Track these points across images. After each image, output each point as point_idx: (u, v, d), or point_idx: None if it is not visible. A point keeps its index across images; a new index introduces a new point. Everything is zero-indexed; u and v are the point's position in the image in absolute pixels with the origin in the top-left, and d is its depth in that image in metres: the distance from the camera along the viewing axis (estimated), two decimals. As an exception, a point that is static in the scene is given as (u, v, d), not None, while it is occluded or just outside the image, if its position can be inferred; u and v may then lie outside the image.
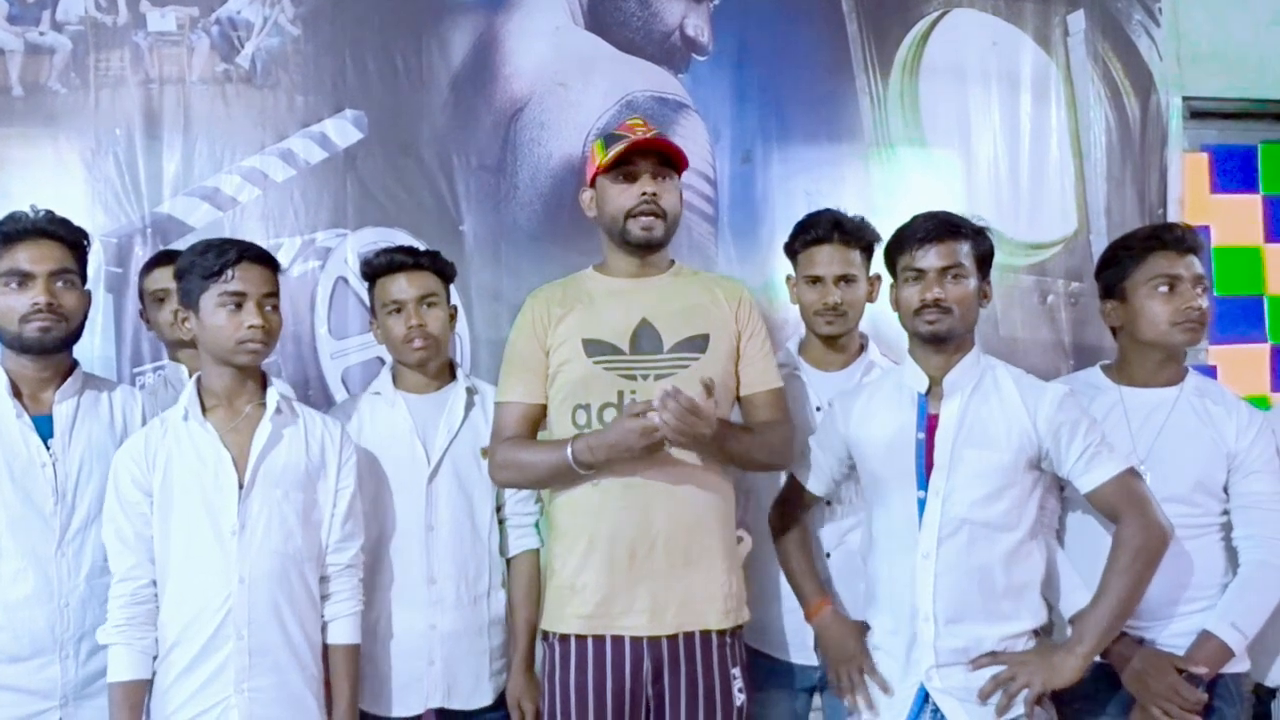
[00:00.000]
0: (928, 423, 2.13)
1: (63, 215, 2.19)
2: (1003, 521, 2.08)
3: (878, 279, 2.48)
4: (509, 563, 2.43)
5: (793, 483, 2.34)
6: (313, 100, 3.09)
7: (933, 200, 2.25)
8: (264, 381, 2.20)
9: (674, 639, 2.15)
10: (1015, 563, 2.10)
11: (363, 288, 2.63)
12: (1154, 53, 3.69)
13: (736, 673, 2.19)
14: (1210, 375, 3.15)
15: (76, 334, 2.18)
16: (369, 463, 2.35)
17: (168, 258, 2.53)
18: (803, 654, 2.40)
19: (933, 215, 2.16)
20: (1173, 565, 2.19)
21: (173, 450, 2.10)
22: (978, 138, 3.57)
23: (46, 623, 2.09)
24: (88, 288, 2.21)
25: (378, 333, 2.45)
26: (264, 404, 2.16)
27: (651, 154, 2.20)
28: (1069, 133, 3.65)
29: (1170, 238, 2.27)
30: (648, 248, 2.22)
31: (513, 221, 3.20)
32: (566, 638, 2.18)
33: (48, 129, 2.96)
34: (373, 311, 2.46)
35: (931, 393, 2.14)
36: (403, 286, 2.37)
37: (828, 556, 2.41)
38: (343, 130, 3.11)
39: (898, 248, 2.17)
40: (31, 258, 2.10)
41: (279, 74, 3.08)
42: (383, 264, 2.40)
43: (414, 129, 3.15)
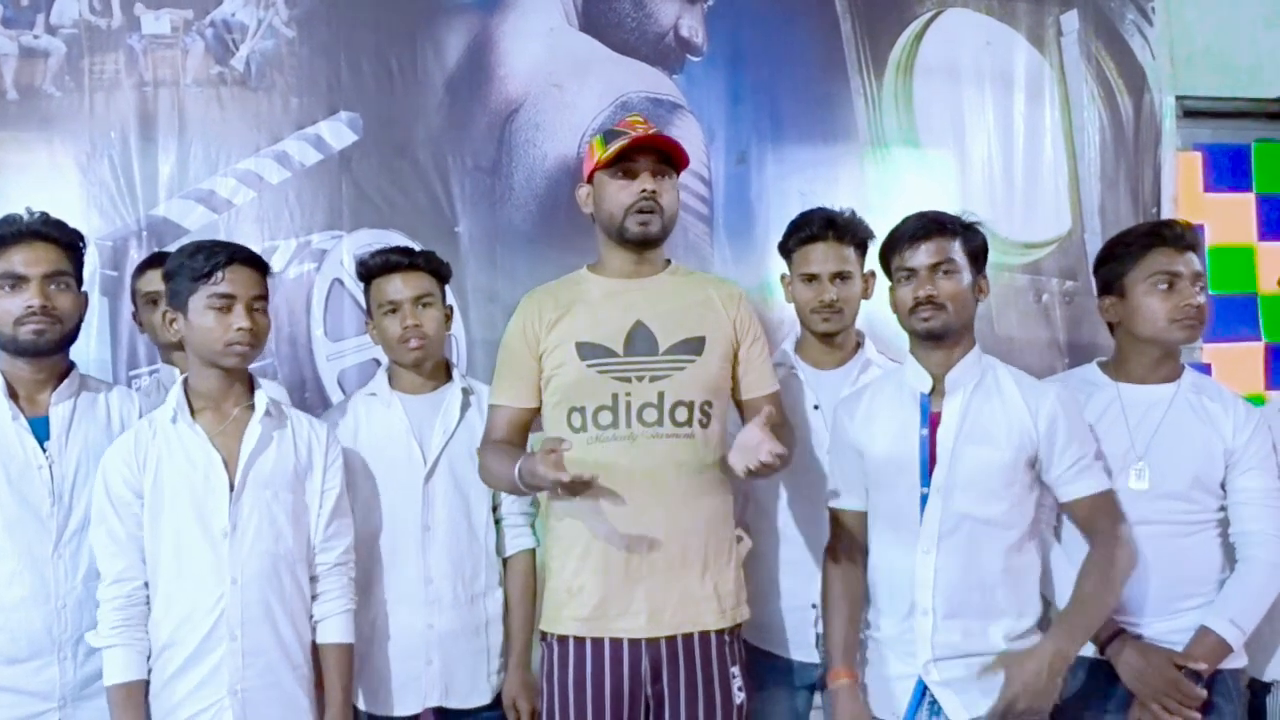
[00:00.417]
0: (930, 420, 2.14)
1: (58, 218, 2.18)
2: (1003, 519, 2.09)
3: (872, 276, 2.48)
4: (505, 562, 2.42)
5: (833, 517, 2.29)
6: (307, 102, 3.09)
7: (927, 200, 2.26)
8: (251, 384, 2.20)
9: (672, 640, 2.14)
10: (1014, 559, 2.11)
11: (358, 289, 2.63)
12: (1147, 52, 3.70)
13: (736, 671, 2.19)
14: (1205, 374, 3.16)
15: (72, 336, 2.17)
16: (365, 463, 2.36)
17: (161, 260, 2.51)
18: (803, 651, 2.40)
19: (921, 214, 2.17)
20: (1170, 561, 2.20)
21: (162, 452, 2.10)
22: (972, 138, 3.58)
23: (44, 624, 2.09)
24: (84, 290, 2.20)
25: (374, 333, 2.45)
26: (251, 406, 2.16)
27: (651, 151, 2.19)
28: (1063, 132, 3.66)
29: (1170, 234, 2.27)
30: (644, 244, 2.21)
31: (508, 223, 3.20)
32: (565, 639, 2.17)
33: (42, 132, 2.95)
34: (369, 312, 2.46)
35: (934, 391, 2.15)
36: (398, 287, 2.37)
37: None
38: (337, 132, 3.10)
39: (890, 249, 2.18)
40: (26, 260, 2.10)
41: (274, 76, 3.07)
42: (378, 264, 2.40)
43: (409, 131, 3.14)
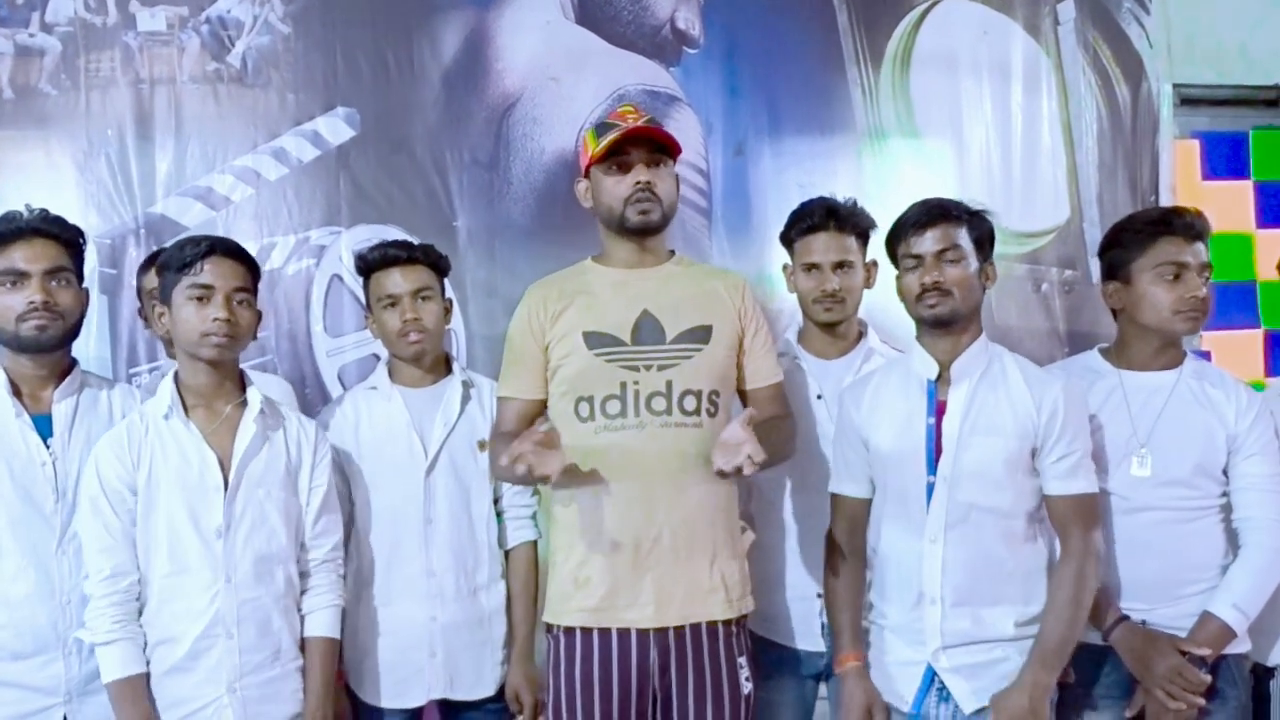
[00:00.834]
0: (936, 409, 2.14)
1: (57, 214, 2.18)
2: (1009, 508, 2.09)
3: (874, 265, 2.48)
4: (507, 555, 2.43)
5: (834, 502, 2.30)
6: (304, 98, 3.08)
7: (925, 191, 2.25)
8: (243, 381, 2.19)
9: (680, 630, 2.15)
10: (1021, 547, 2.11)
11: (357, 285, 2.63)
12: (1144, 41, 3.69)
13: (743, 662, 2.19)
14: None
15: (74, 332, 2.18)
16: (366, 457, 2.36)
17: (163, 256, 2.53)
18: (809, 641, 2.40)
19: (927, 201, 2.17)
20: (1173, 548, 2.21)
21: (156, 448, 2.10)
22: (969, 128, 3.57)
23: (49, 620, 2.09)
24: (84, 286, 2.20)
25: (373, 328, 2.45)
26: (244, 404, 2.16)
27: (644, 142, 2.19)
28: (1060, 122, 3.65)
29: (1180, 223, 2.25)
30: (646, 232, 2.21)
31: (506, 217, 3.19)
32: (571, 630, 2.17)
33: (39, 131, 2.94)
34: (368, 307, 2.46)
35: (940, 379, 2.15)
36: (397, 281, 2.37)
37: None
38: (335, 128, 3.10)
39: (896, 237, 2.18)
40: (26, 257, 2.10)
41: (270, 72, 3.07)
42: (377, 258, 2.40)
43: (406, 126, 3.14)
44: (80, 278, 2.20)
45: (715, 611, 2.17)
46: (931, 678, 2.11)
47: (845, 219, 2.45)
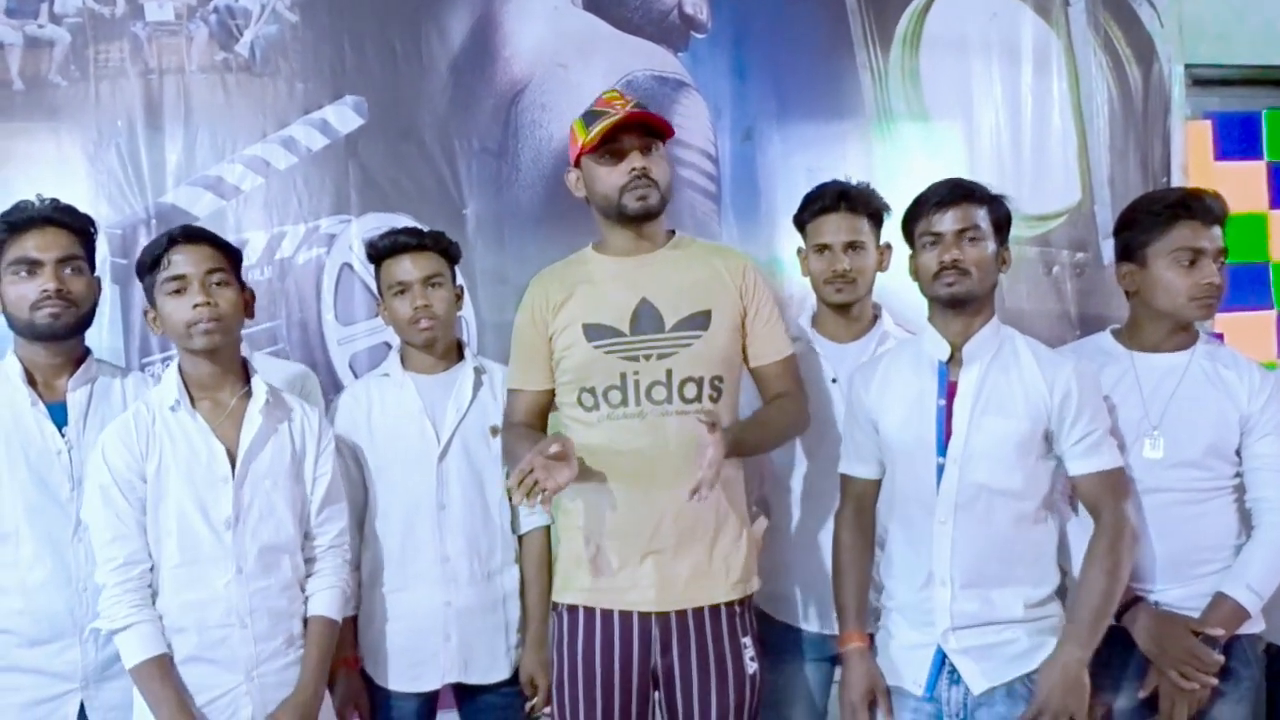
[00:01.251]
0: (947, 390, 2.13)
1: (68, 203, 2.19)
2: (1019, 490, 2.09)
3: (888, 248, 2.48)
4: (521, 539, 2.43)
5: (843, 483, 2.30)
6: (313, 87, 3.07)
7: (935, 174, 2.24)
8: (246, 371, 2.19)
9: (682, 613, 2.16)
10: (1030, 530, 2.11)
11: (368, 273, 2.63)
12: (1155, 21, 3.66)
13: (748, 642, 2.20)
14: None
15: (87, 320, 2.19)
16: (379, 443, 2.38)
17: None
18: (825, 624, 2.40)
19: (948, 180, 2.16)
20: (1186, 529, 2.21)
21: (164, 439, 2.09)
22: (979, 110, 3.55)
23: (65, 607, 2.11)
24: (96, 275, 2.21)
25: (385, 315, 2.45)
26: (248, 394, 2.15)
27: (635, 127, 2.18)
28: (1071, 103, 3.63)
29: (1198, 207, 2.23)
30: (645, 218, 2.21)
31: (516, 204, 3.19)
32: (575, 608, 2.20)
33: (49, 122, 2.94)
34: (379, 294, 2.47)
35: (951, 360, 2.14)
36: (407, 268, 2.38)
37: None
38: (343, 116, 3.09)
39: (914, 215, 2.17)
40: (39, 245, 2.11)
41: (278, 61, 3.06)
42: (387, 246, 2.41)
43: (414, 114, 3.13)
44: (92, 266, 2.21)
45: (718, 594, 2.18)
46: (942, 660, 2.11)
47: (857, 200, 2.45)
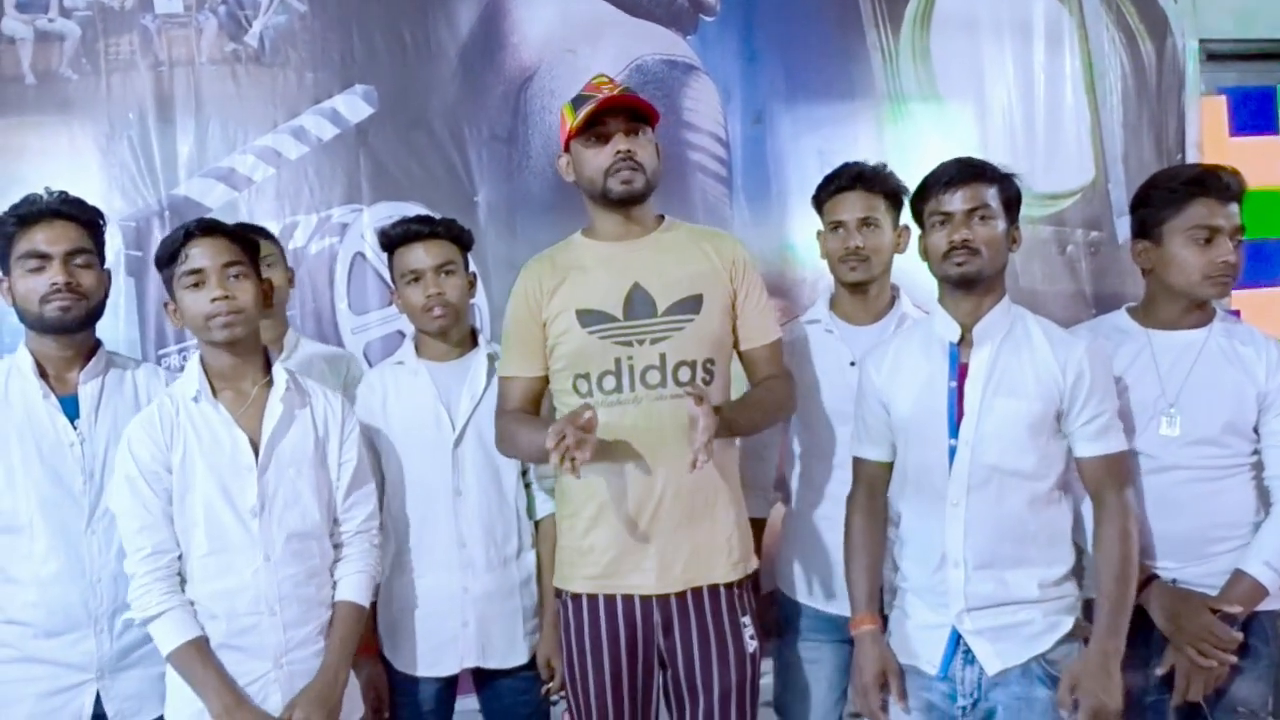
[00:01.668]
0: (959, 371, 2.12)
1: (76, 196, 2.19)
2: (1032, 470, 2.08)
3: (906, 230, 2.46)
4: (537, 525, 2.44)
5: (855, 466, 2.30)
6: (322, 77, 3.08)
7: (947, 155, 2.22)
8: (267, 360, 2.20)
9: (682, 595, 2.18)
10: (1044, 510, 2.10)
11: (381, 262, 2.63)
12: (1168, -5, 3.64)
13: (747, 620, 2.22)
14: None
15: (97, 313, 2.19)
16: (395, 431, 2.38)
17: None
18: (845, 606, 2.38)
19: (958, 160, 2.15)
20: (1204, 506, 2.20)
21: (188, 430, 2.10)
22: (992, 89, 3.52)
23: (80, 598, 2.12)
24: (106, 267, 2.22)
25: (399, 303, 2.46)
26: (270, 383, 2.16)
27: (622, 111, 2.18)
28: (1084, 80, 3.60)
29: (1215, 184, 2.20)
30: (630, 201, 2.20)
31: (526, 191, 3.19)
32: (578, 596, 2.22)
33: (61, 116, 2.95)
34: (393, 283, 2.47)
35: (962, 341, 2.13)
36: (419, 256, 2.38)
37: None
38: (353, 105, 3.10)
39: (924, 195, 2.16)
40: (48, 239, 2.12)
41: (288, 51, 3.07)
42: (399, 234, 2.41)
43: (424, 102, 3.13)
44: (102, 259, 2.21)
45: (717, 575, 2.20)
46: (957, 640, 2.11)
47: (873, 179, 2.45)
